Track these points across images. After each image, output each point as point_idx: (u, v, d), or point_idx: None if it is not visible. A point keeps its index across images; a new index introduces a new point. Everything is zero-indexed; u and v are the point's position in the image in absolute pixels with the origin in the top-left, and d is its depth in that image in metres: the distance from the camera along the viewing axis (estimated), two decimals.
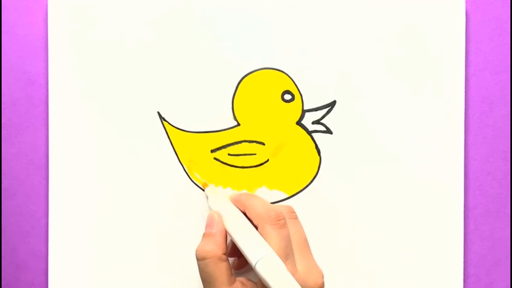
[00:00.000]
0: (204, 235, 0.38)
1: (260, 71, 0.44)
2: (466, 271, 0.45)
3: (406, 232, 0.44)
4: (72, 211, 0.44)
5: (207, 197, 0.43)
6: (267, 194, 0.44)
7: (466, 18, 0.44)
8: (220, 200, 0.41)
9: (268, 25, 0.44)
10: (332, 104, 0.44)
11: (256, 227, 0.37)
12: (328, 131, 0.44)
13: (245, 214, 0.39)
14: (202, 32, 0.44)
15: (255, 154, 0.44)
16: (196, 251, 0.37)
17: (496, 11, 0.45)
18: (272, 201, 0.44)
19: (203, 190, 0.44)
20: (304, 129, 0.44)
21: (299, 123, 0.44)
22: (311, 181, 0.44)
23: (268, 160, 0.44)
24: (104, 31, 0.44)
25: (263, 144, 0.44)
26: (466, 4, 0.44)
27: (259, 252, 0.34)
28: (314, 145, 0.44)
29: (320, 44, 0.44)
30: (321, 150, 0.44)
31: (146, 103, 0.44)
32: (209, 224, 0.39)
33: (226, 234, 0.38)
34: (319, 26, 0.44)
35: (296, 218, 0.39)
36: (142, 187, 0.44)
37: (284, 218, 0.37)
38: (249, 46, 0.44)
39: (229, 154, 0.44)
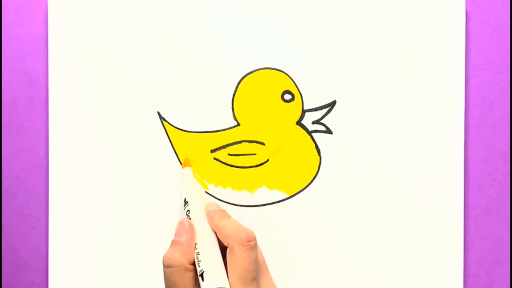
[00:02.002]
0: (173, 242, 0.38)
1: (260, 71, 0.44)
2: (466, 271, 0.45)
3: (406, 232, 0.44)
4: (72, 211, 0.44)
5: (183, 177, 0.42)
6: (267, 194, 0.44)
7: (466, 18, 0.44)
8: (196, 206, 0.40)
9: (268, 25, 0.44)
10: (332, 104, 0.44)
11: (226, 247, 0.37)
12: (328, 131, 0.44)
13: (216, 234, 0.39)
14: (202, 32, 0.44)
15: (255, 154, 0.44)
16: (163, 257, 0.37)
17: (496, 11, 0.45)
18: (272, 201, 0.44)
19: (207, 193, 0.44)
20: (304, 129, 0.44)
21: (299, 123, 0.44)
22: (311, 181, 0.44)
23: (268, 160, 0.44)
24: (104, 31, 0.44)
25: (263, 144, 0.44)
26: (466, 4, 0.44)
27: (215, 282, 0.35)
28: (314, 145, 0.44)
29: (320, 44, 0.44)
30: (321, 150, 0.44)
31: (146, 103, 0.44)
32: (178, 232, 0.38)
33: (194, 244, 0.38)
34: (319, 26, 0.44)
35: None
36: (142, 187, 0.44)
37: (254, 240, 0.37)
38: (249, 46, 0.44)
39: (229, 154, 0.44)
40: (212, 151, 0.44)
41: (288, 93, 0.44)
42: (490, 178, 0.45)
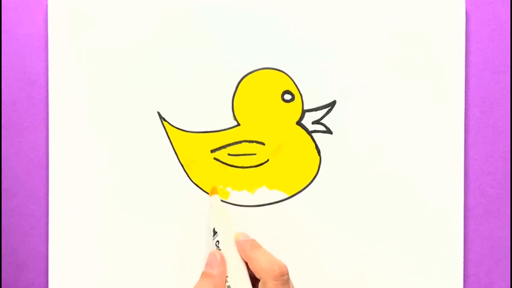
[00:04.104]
0: (204, 274, 0.38)
1: (260, 71, 0.44)
2: (466, 271, 0.45)
3: (406, 232, 0.44)
4: (72, 211, 0.44)
5: (211, 206, 0.43)
6: (267, 194, 0.44)
7: (466, 18, 0.44)
8: (226, 236, 0.40)
9: (268, 25, 0.44)
10: (332, 104, 0.44)
11: (258, 280, 0.37)
12: (328, 131, 0.44)
13: (246, 264, 0.39)
14: (202, 32, 0.44)
15: (255, 154, 0.44)
16: None
17: (496, 11, 0.45)
18: (272, 201, 0.44)
19: (207, 193, 0.44)
20: (304, 129, 0.44)
21: (299, 123, 0.44)
22: (311, 181, 0.44)
23: (268, 160, 0.44)
24: (104, 31, 0.44)
25: (263, 144, 0.44)
26: (466, 4, 0.44)
27: None
28: (314, 145, 0.44)
29: (320, 44, 0.44)
30: (321, 150, 0.44)
31: (146, 103, 0.44)
32: (209, 264, 0.38)
33: (225, 277, 0.38)
34: (319, 26, 0.44)
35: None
36: (141, 187, 0.44)
37: (287, 274, 0.37)
38: (249, 46, 0.44)
39: (229, 154, 0.44)
40: (212, 151, 0.44)
41: (288, 93, 0.44)
42: (490, 178, 0.45)
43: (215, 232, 0.40)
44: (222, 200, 0.44)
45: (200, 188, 0.44)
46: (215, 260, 0.38)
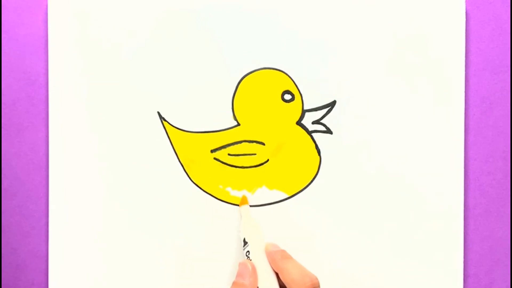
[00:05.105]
0: (235, 284, 0.38)
1: (260, 71, 0.44)
2: (466, 271, 0.45)
3: (406, 232, 0.44)
4: (72, 211, 0.44)
5: (241, 216, 0.43)
6: (267, 194, 0.44)
7: (466, 18, 0.44)
8: (256, 246, 0.40)
9: (268, 25, 0.44)
10: (332, 104, 0.44)
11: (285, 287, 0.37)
12: (328, 131, 0.44)
13: (277, 274, 0.39)
14: (202, 32, 0.44)
15: (255, 154, 0.44)
16: None
17: (496, 11, 0.45)
18: (272, 201, 0.44)
19: (207, 193, 0.44)
20: (304, 129, 0.44)
21: (299, 123, 0.44)
22: (311, 181, 0.44)
23: (268, 160, 0.44)
24: (104, 31, 0.44)
25: (263, 144, 0.44)
26: (466, 4, 0.44)
27: None
28: (314, 145, 0.44)
29: (320, 44, 0.44)
30: (321, 150, 0.44)
31: (146, 103, 0.44)
32: (241, 274, 0.38)
33: (257, 287, 0.38)
34: (319, 26, 0.44)
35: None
36: (141, 187, 0.44)
37: (319, 286, 0.37)
38: (249, 46, 0.44)
39: (229, 154, 0.44)
40: (212, 151, 0.44)
41: (288, 93, 0.44)
42: (490, 178, 0.45)
43: (245, 242, 0.40)
44: (221, 200, 0.44)
45: (200, 188, 0.44)
46: (246, 270, 0.38)
